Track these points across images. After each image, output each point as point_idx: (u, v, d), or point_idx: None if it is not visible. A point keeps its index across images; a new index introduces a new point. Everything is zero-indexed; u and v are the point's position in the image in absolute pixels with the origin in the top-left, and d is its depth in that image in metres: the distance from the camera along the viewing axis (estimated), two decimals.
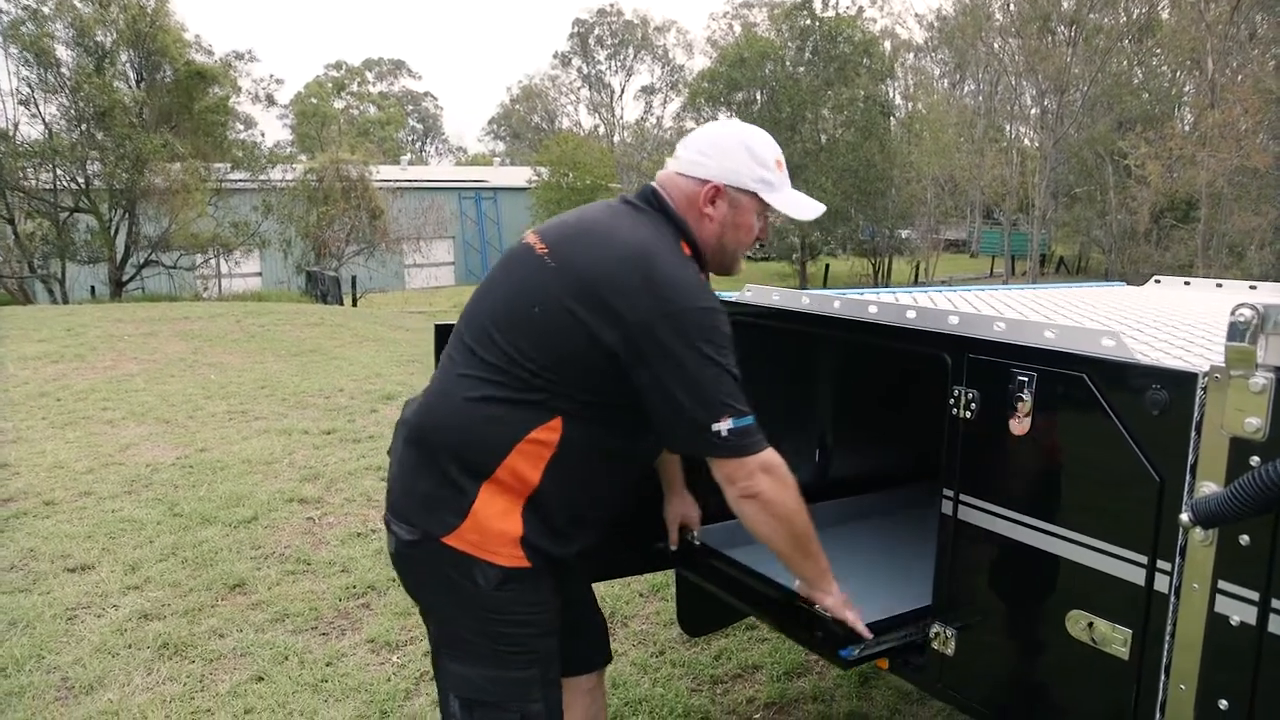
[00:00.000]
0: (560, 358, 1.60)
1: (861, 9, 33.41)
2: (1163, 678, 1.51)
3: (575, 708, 1.96)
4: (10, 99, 20.79)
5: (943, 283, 28.62)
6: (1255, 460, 1.36)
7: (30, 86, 20.68)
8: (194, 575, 3.85)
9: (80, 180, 21.03)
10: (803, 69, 32.25)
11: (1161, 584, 1.50)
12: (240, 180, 23.42)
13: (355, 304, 23.16)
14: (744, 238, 1.80)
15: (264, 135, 27.39)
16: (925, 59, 42.61)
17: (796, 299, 2.26)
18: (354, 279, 24.20)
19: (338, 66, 61.65)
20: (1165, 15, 26.69)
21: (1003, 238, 34.08)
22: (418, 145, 68.72)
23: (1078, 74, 27.38)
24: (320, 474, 5.32)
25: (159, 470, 5.33)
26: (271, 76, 38.78)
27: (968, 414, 1.81)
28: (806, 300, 2.23)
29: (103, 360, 8.94)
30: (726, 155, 1.74)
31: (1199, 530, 1.42)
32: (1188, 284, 3.37)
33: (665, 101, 50.47)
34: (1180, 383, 1.46)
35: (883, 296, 2.35)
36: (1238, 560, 1.40)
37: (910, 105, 38.27)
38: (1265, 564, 1.37)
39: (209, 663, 3.15)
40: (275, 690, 2.96)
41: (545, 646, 1.71)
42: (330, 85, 59.25)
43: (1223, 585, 1.42)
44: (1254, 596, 1.39)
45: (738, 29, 37.17)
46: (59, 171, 20.77)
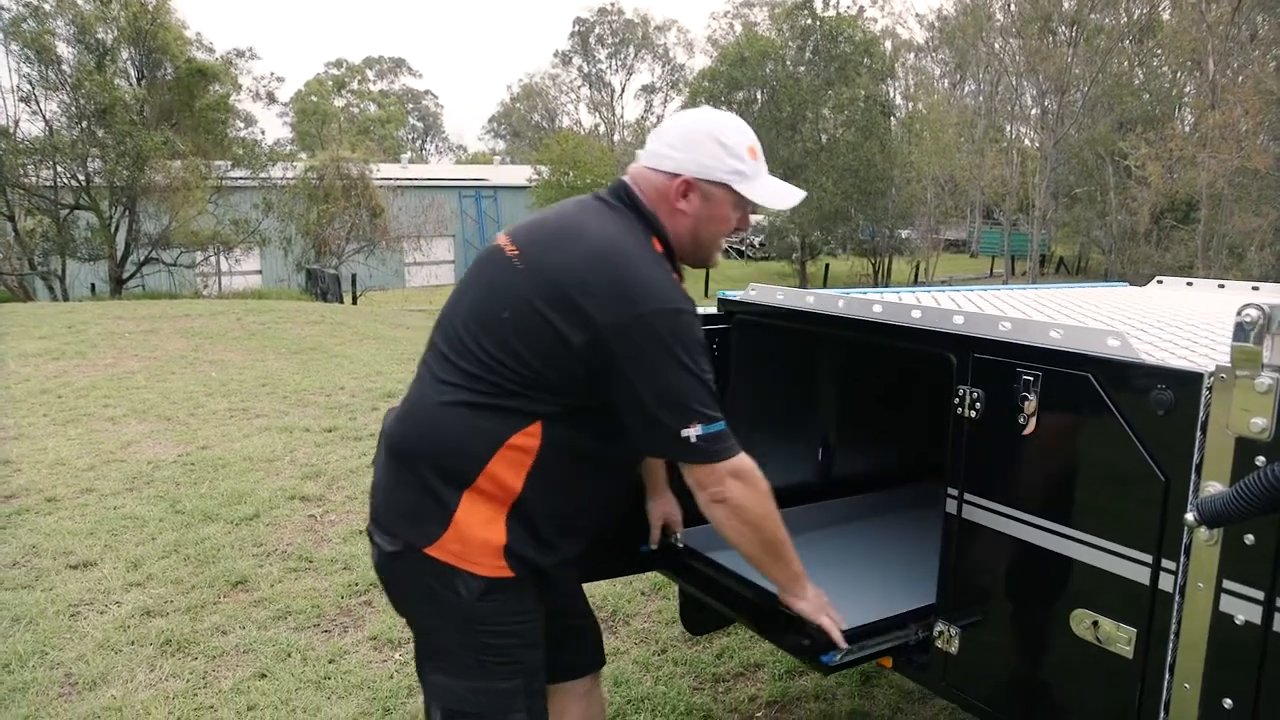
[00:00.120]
0: (534, 361, 1.56)
1: (862, 9, 33.35)
2: (1167, 676, 1.52)
3: (572, 711, 1.94)
4: (11, 96, 20.80)
5: (942, 283, 28.63)
6: (1260, 460, 1.36)
7: (31, 83, 20.68)
8: (196, 572, 3.85)
9: (81, 177, 21.02)
10: (803, 68, 32.22)
11: (1166, 583, 1.51)
12: (241, 178, 23.41)
13: (355, 302, 23.16)
14: (720, 230, 1.73)
15: (264, 133, 27.40)
16: (926, 59, 42.62)
17: (801, 298, 2.26)
18: (354, 277, 24.19)
19: (338, 64, 61.70)
20: (1166, 16, 26.70)
21: (1003, 238, 34.09)
22: (418, 143, 68.71)
23: (1078, 74, 27.37)
24: (322, 472, 5.32)
25: (160, 467, 5.34)
26: (272, 74, 38.68)
27: (972, 413, 1.81)
28: (811, 299, 2.23)
29: (103, 357, 8.94)
30: (696, 147, 1.67)
31: (1204, 529, 1.43)
32: (1190, 284, 3.38)
33: (666, 100, 50.51)
34: (1186, 383, 1.46)
35: (886, 296, 2.35)
36: (1242, 559, 1.41)
37: (911, 105, 38.23)
38: (1270, 563, 1.38)
39: (212, 660, 3.15)
40: (278, 687, 2.97)
41: (530, 657, 1.68)
42: (330, 83, 59.24)
43: (1227, 584, 1.43)
44: (1259, 596, 1.39)
45: (738, 28, 37.20)
46: (59, 168, 20.77)
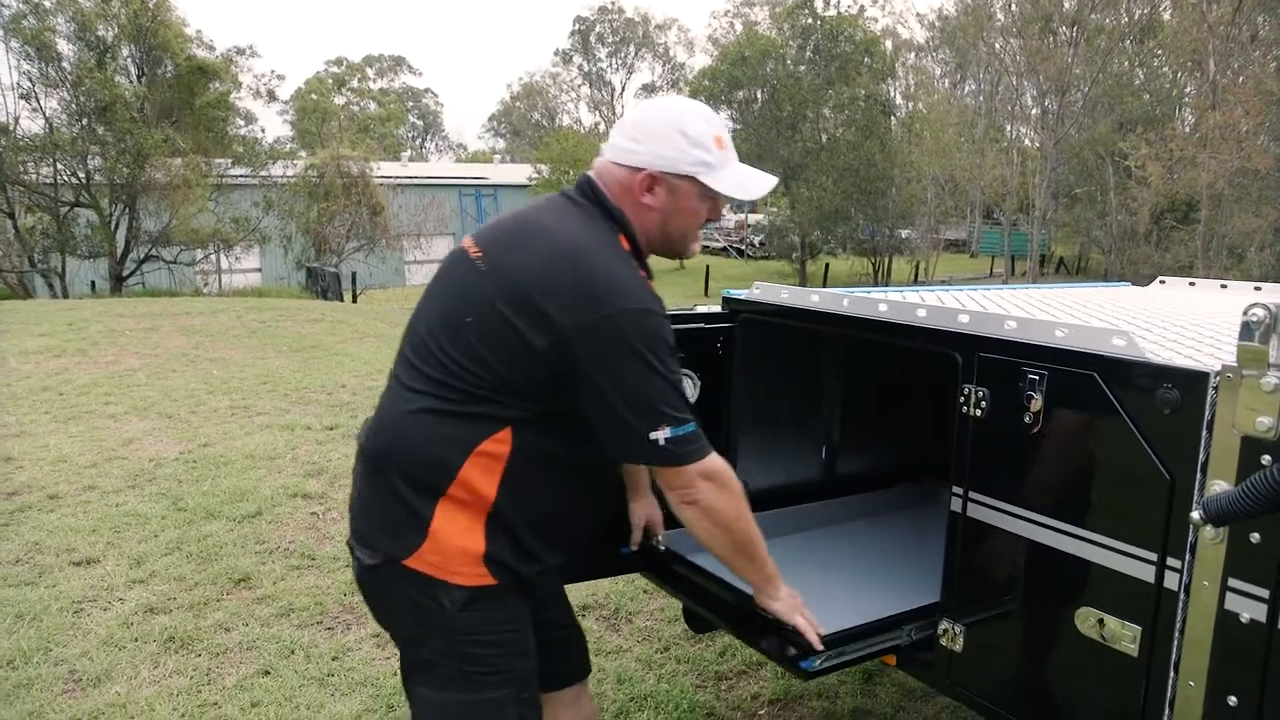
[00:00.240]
0: (498, 366, 1.52)
1: (863, 8, 33.37)
2: (1172, 674, 1.53)
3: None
4: (11, 93, 20.84)
5: (942, 282, 28.62)
6: (1267, 459, 1.37)
7: (31, 80, 20.73)
8: (199, 569, 3.86)
9: (81, 175, 21.04)
10: (804, 68, 32.22)
11: (1171, 581, 1.52)
12: (241, 176, 23.43)
13: (355, 300, 23.13)
14: (690, 222, 1.68)
15: (264, 131, 27.43)
16: (926, 59, 42.60)
17: (806, 297, 2.27)
18: (354, 275, 24.18)
19: (338, 62, 61.66)
20: (1167, 16, 26.70)
21: (1003, 238, 34.09)
22: (418, 142, 68.70)
23: (1079, 74, 27.36)
24: (324, 469, 5.32)
25: (162, 465, 5.34)
26: (273, 72, 38.81)
27: (978, 412, 1.82)
28: (816, 298, 2.24)
29: (104, 355, 8.94)
30: (659, 140, 1.61)
31: (1210, 528, 1.44)
32: (1192, 284, 3.39)
33: None
34: (1192, 382, 1.47)
35: (890, 295, 2.36)
36: (1248, 558, 1.42)
37: (911, 105, 38.24)
38: (1275, 562, 1.39)
39: (215, 656, 3.16)
40: (282, 684, 2.97)
41: (520, 665, 1.64)
42: (331, 81, 59.19)
43: (1233, 583, 1.44)
44: (1264, 594, 1.40)
45: (739, 27, 37.24)
46: (60, 166, 20.79)
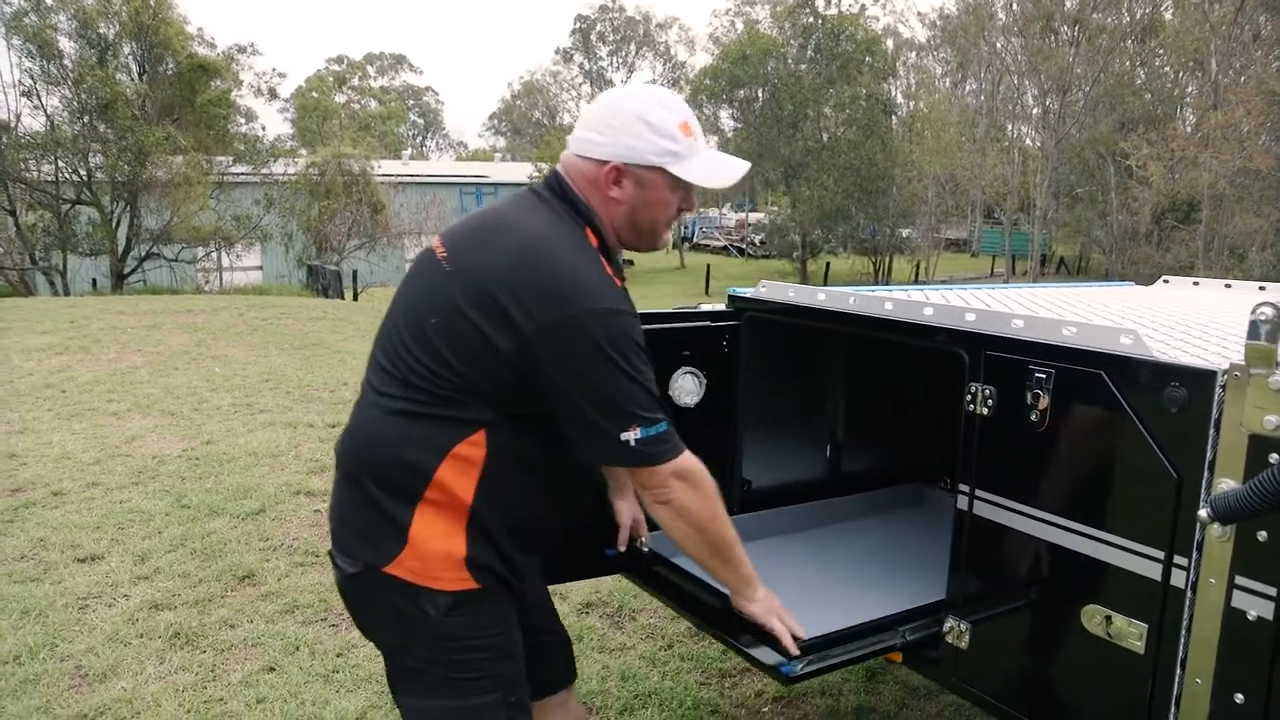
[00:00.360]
0: (463, 368, 1.48)
1: (864, 7, 33.36)
2: (1178, 672, 1.53)
3: None
4: (13, 90, 20.85)
5: (943, 282, 28.60)
6: (1274, 457, 1.38)
7: (33, 78, 20.74)
8: (203, 566, 3.87)
9: (82, 172, 21.06)
10: (805, 67, 32.23)
11: (1178, 579, 1.52)
12: (242, 174, 23.44)
13: (356, 298, 23.12)
14: (660, 214, 1.63)
15: (264, 129, 27.53)
16: (927, 58, 42.60)
17: (813, 295, 2.27)
18: (354, 273, 24.18)
19: (339, 60, 61.67)
20: (1169, 16, 26.68)
21: (1003, 237, 34.09)
22: (418, 140, 68.69)
23: (1080, 74, 27.35)
24: (326, 467, 5.33)
25: (165, 462, 5.35)
26: (274, 70, 38.74)
27: (984, 410, 1.82)
28: (822, 296, 2.25)
29: (106, 352, 8.95)
30: (623, 131, 1.56)
31: (1217, 526, 1.44)
32: (1197, 284, 3.39)
33: None
34: (1199, 380, 1.47)
35: (895, 294, 2.37)
36: (1255, 556, 1.42)
37: (912, 104, 38.25)
38: None
39: (220, 653, 3.17)
40: (287, 681, 2.98)
41: (507, 670, 1.61)
42: (331, 79, 59.18)
43: (1240, 580, 1.44)
44: (1271, 591, 1.41)
45: (740, 26, 37.18)
46: (61, 163, 20.81)
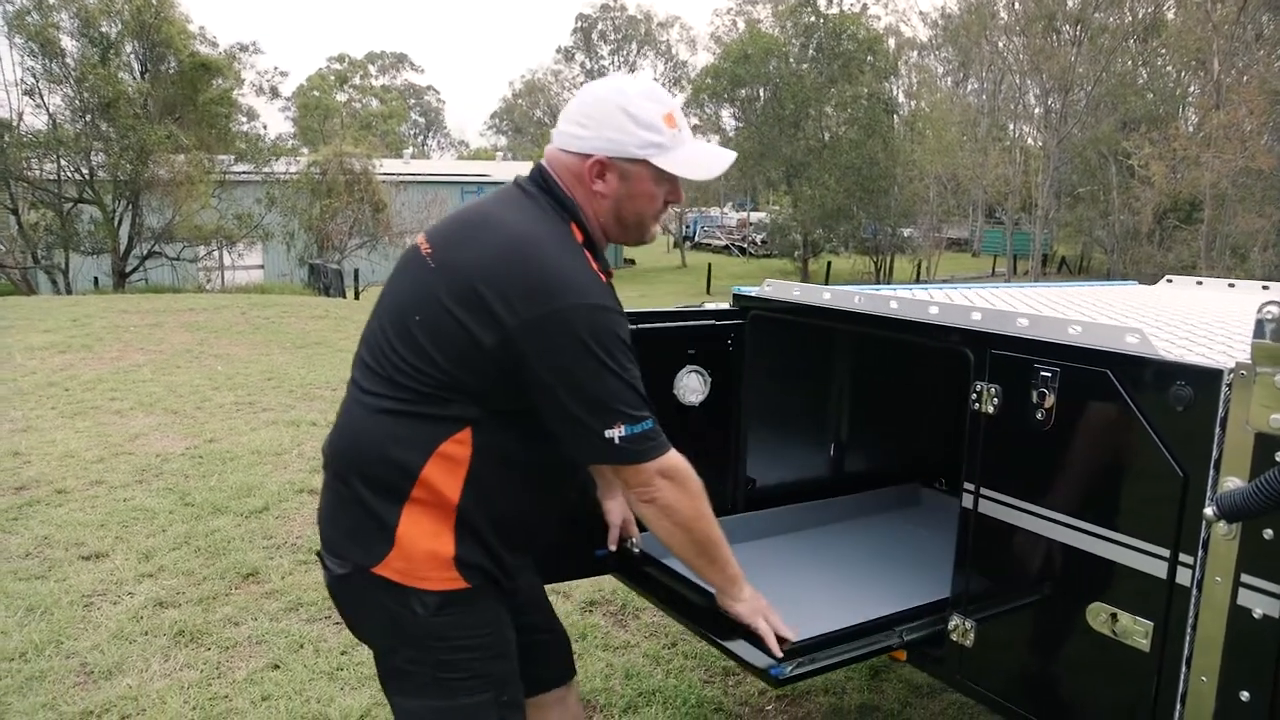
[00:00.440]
0: (448, 365, 1.47)
1: (865, 6, 33.39)
2: (1184, 669, 1.54)
3: None
4: (15, 89, 20.85)
5: (945, 281, 28.58)
6: None
7: (35, 77, 20.72)
8: (207, 564, 3.87)
9: (84, 171, 21.06)
10: (806, 66, 32.24)
11: (1184, 577, 1.53)
12: (244, 172, 23.43)
13: (358, 297, 23.11)
14: (645, 207, 1.61)
15: (266, 128, 27.51)
16: (929, 57, 42.55)
17: (818, 294, 2.28)
18: (356, 272, 24.17)
19: (340, 59, 61.64)
20: (1171, 15, 26.66)
21: (1005, 237, 34.07)
22: (419, 139, 68.71)
23: (1082, 73, 27.33)
24: None
25: (169, 460, 5.36)
26: (276, 69, 38.73)
27: (990, 409, 1.83)
28: (828, 295, 2.25)
29: (109, 351, 8.96)
30: (605, 124, 1.55)
31: (1223, 524, 1.45)
32: (1200, 283, 3.39)
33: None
34: (1206, 379, 1.48)
35: (900, 292, 2.37)
36: (1261, 554, 1.42)
37: (914, 103, 38.24)
38: None
39: (225, 650, 3.17)
40: (292, 678, 2.99)
41: (498, 669, 1.61)
42: (333, 78, 59.19)
43: (1245, 579, 1.45)
44: (1277, 590, 1.41)
45: (741, 25, 37.18)
46: (63, 162, 20.80)
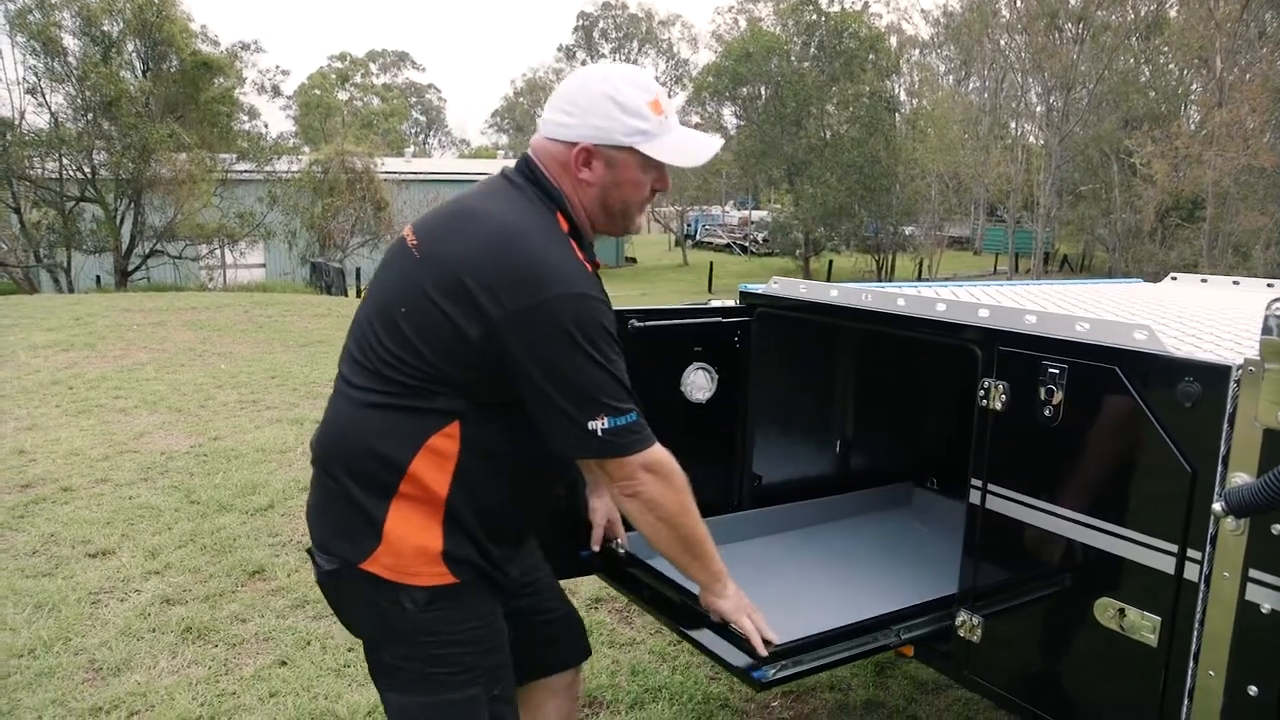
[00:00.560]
0: (434, 357, 1.47)
1: (867, 4, 33.33)
2: (1191, 664, 1.55)
3: (547, 707, 1.88)
4: (17, 88, 20.87)
5: (947, 279, 28.55)
6: None
7: (37, 75, 20.74)
8: (213, 561, 3.89)
9: (86, 170, 21.08)
10: (808, 64, 32.20)
11: (1191, 572, 1.54)
12: (246, 171, 23.45)
13: (360, 295, 23.14)
14: (632, 195, 1.60)
15: (267, 126, 27.49)
16: (931, 55, 42.52)
17: (825, 291, 2.28)
18: (358, 270, 24.17)
19: (341, 58, 61.58)
20: (1174, 13, 26.62)
21: (1006, 235, 34.05)
22: (421, 138, 68.71)
23: (1084, 71, 27.30)
24: None
25: (174, 458, 5.37)
26: (277, 67, 38.71)
27: (997, 405, 1.84)
28: (835, 293, 2.26)
29: (112, 349, 8.98)
30: (591, 112, 1.54)
31: (1231, 520, 1.45)
32: (1205, 281, 3.40)
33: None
34: (1214, 375, 1.49)
35: (906, 290, 2.38)
36: (1269, 549, 1.43)
37: (915, 102, 38.22)
38: None
39: (232, 647, 3.19)
40: (299, 674, 3.00)
41: (489, 663, 1.60)
42: (334, 76, 59.16)
43: (1253, 574, 1.45)
44: None
45: (743, 23, 37.12)
46: (65, 161, 20.82)
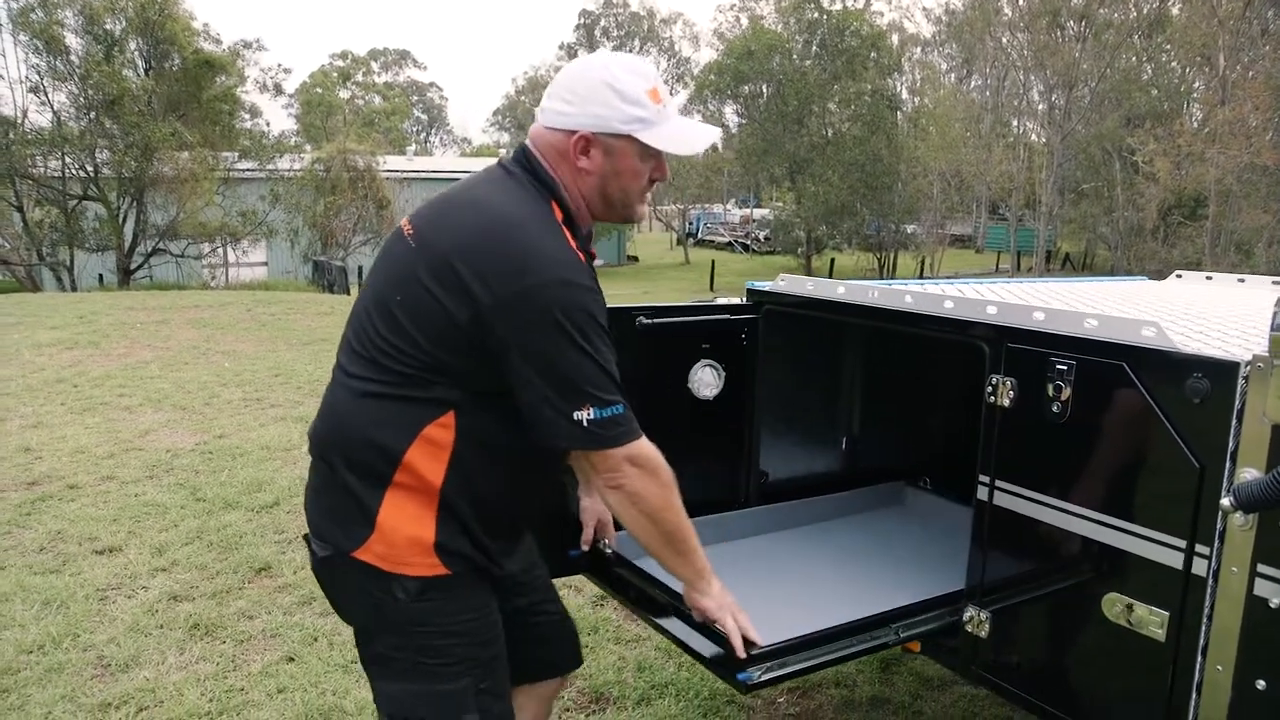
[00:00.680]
0: (428, 345, 1.47)
1: (869, 2, 33.34)
2: (1199, 659, 1.55)
3: (525, 711, 1.85)
4: (20, 86, 20.89)
5: (948, 277, 28.53)
6: None
7: (39, 74, 20.78)
8: (220, 558, 3.90)
9: (89, 168, 21.11)
10: (810, 62, 32.19)
11: (1200, 568, 1.54)
12: (248, 169, 23.48)
13: None
14: (631, 184, 1.60)
15: (269, 125, 27.39)
16: (933, 53, 42.49)
17: (832, 288, 2.29)
18: (360, 269, 24.20)
19: (343, 56, 61.59)
20: (1176, 10, 26.60)
21: (1008, 233, 34.04)
22: (422, 136, 68.69)
23: (1086, 69, 27.29)
24: None
25: (179, 456, 5.38)
26: (279, 66, 38.58)
27: (1005, 402, 1.84)
28: (842, 290, 2.26)
29: (116, 347, 8.99)
30: (590, 100, 1.54)
31: (1239, 515, 1.46)
32: (1210, 279, 3.40)
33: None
34: (1222, 371, 1.49)
35: (912, 287, 2.38)
36: (1277, 544, 1.44)
37: (917, 100, 38.18)
38: None
39: (240, 643, 3.20)
40: (306, 670, 3.01)
41: (481, 655, 1.59)
42: (336, 75, 59.15)
43: (1262, 569, 1.46)
44: None
45: (745, 21, 37.08)
46: (68, 159, 20.86)
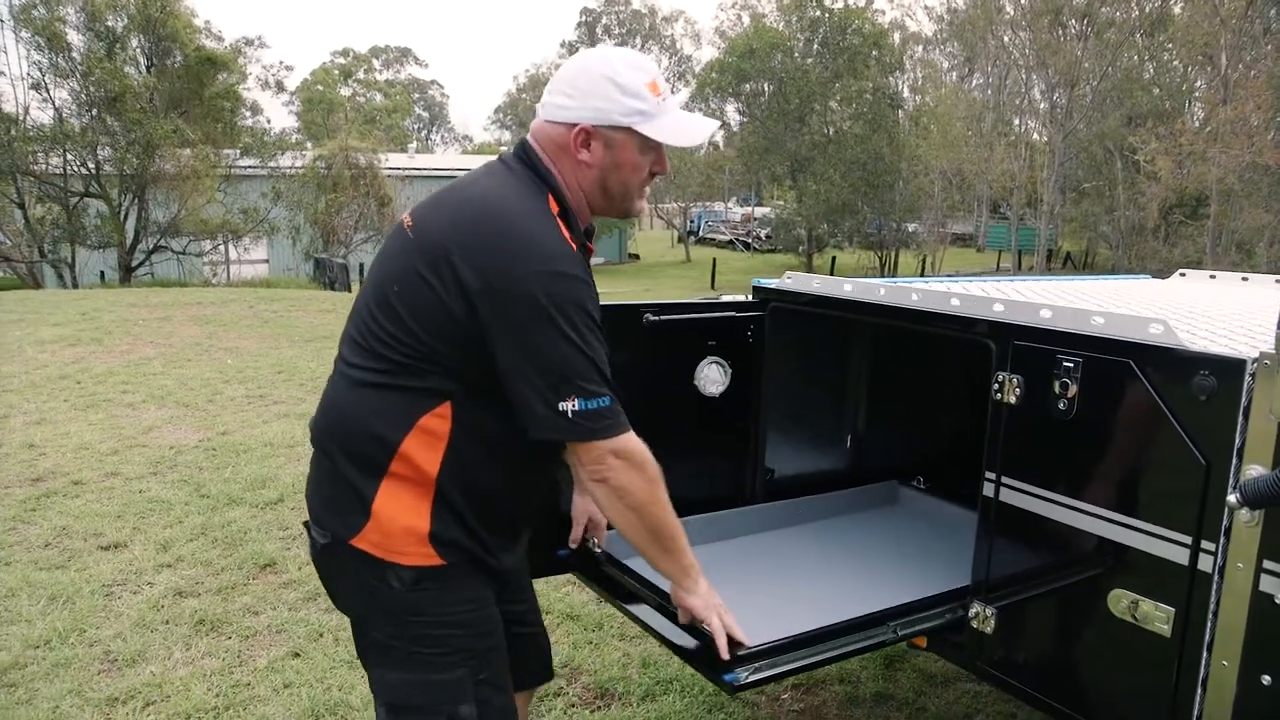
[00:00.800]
0: (425, 335, 1.48)
1: (870, 0, 33.29)
2: (1205, 655, 1.56)
3: None
4: (21, 83, 20.91)
5: (951, 276, 28.52)
6: None
7: (41, 71, 20.81)
8: (225, 554, 3.91)
9: (90, 165, 21.13)
10: (811, 60, 32.17)
11: (1206, 564, 1.55)
12: (249, 167, 23.49)
13: None
14: (631, 177, 1.62)
15: (270, 122, 27.39)
16: (934, 52, 42.41)
17: (839, 286, 2.30)
18: (361, 266, 24.22)
19: (344, 54, 61.59)
20: (1178, 9, 26.56)
21: (1010, 232, 34.01)
22: (423, 134, 68.67)
23: (1088, 68, 27.26)
24: None
25: (183, 452, 5.40)
26: (281, 63, 38.64)
27: (1012, 399, 1.85)
28: (849, 288, 2.27)
29: (119, 344, 9.00)
30: (590, 93, 1.56)
31: (1245, 511, 1.47)
32: (1213, 277, 3.41)
33: (673, 92, 49.89)
34: (1229, 369, 1.50)
35: (917, 285, 2.39)
36: None
37: (919, 98, 38.15)
38: None
39: (245, 639, 3.21)
40: (312, 666, 3.02)
41: (479, 646, 1.59)
42: (337, 72, 59.15)
43: (1268, 565, 1.47)
44: None
45: (746, 20, 37.04)
46: (69, 156, 20.88)
